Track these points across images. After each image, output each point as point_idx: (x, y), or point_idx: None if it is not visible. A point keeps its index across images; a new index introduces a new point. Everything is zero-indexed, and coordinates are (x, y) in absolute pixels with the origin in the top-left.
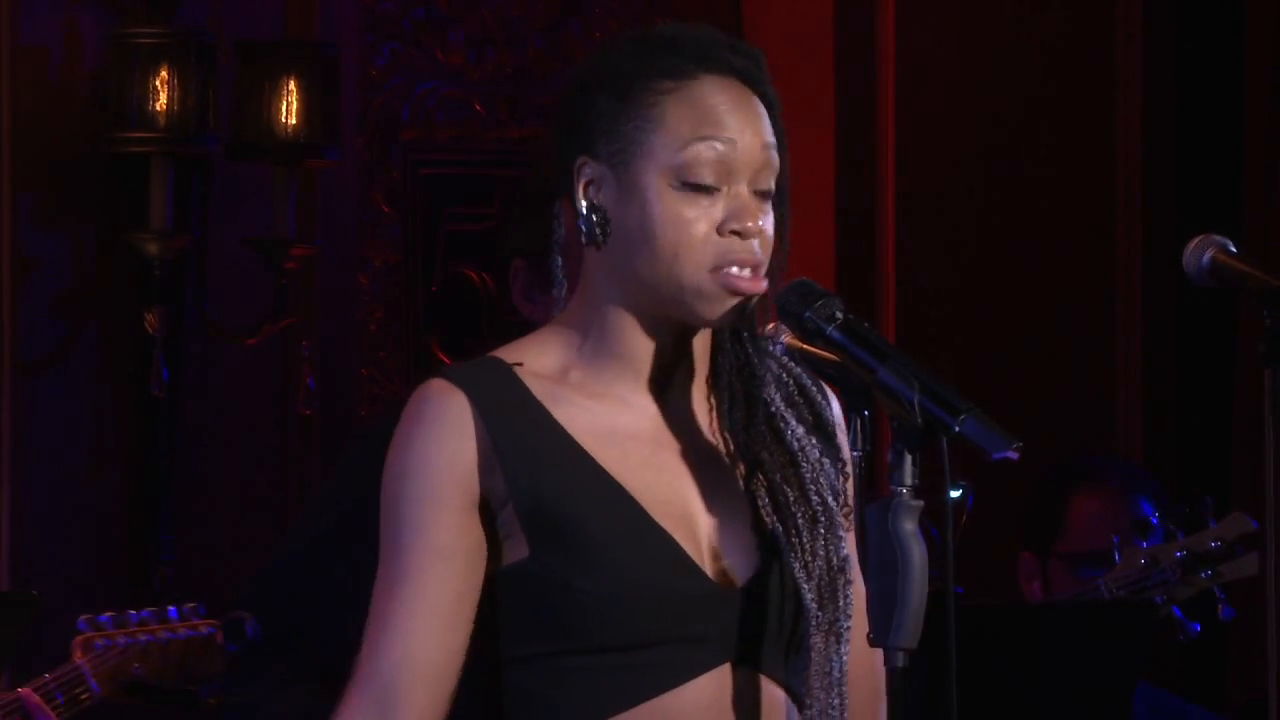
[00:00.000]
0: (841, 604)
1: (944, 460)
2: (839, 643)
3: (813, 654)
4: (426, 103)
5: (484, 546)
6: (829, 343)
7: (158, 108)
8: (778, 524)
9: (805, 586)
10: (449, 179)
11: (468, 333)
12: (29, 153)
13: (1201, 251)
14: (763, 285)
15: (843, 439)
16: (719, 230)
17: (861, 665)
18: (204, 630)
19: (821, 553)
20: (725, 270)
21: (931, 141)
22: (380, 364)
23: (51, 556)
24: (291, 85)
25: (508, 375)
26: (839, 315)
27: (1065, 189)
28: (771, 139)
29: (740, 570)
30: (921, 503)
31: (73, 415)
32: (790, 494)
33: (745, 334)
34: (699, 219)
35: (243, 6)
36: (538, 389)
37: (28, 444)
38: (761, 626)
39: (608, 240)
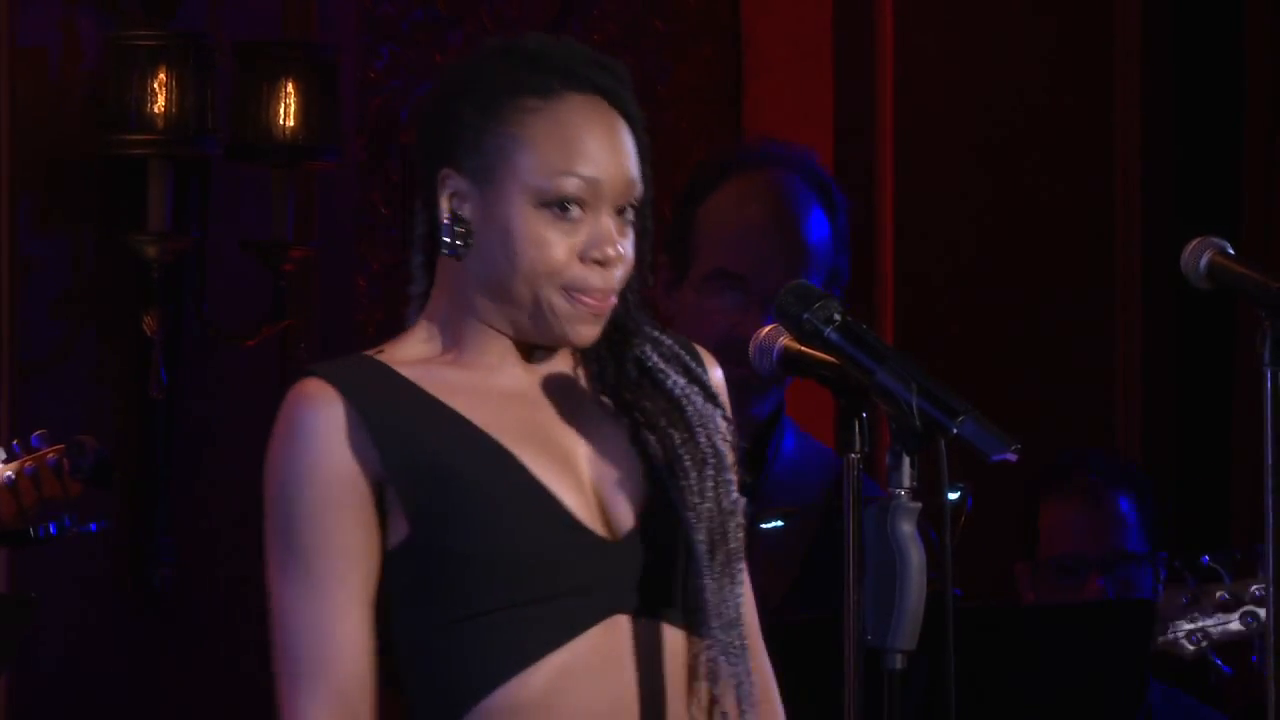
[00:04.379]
0: (733, 545)
1: (942, 462)
2: (733, 583)
3: (706, 595)
4: None
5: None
6: (827, 344)
7: (156, 110)
8: (665, 467)
9: (695, 528)
10: None
11: None
12: (27, 154)
13: (1200, 254)
14: (612, 302)
15: (724, 401)
16: (580, 257)
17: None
18: (50, 459)
19: (710, 494)
20: (581, 294)
21: (930, 143)
22: None
23: (51, 557)
24: (290, 87)
25: (376, 365)
26: (837, 317)
27: (1064, 191)
28: (634, 163)
29: (627, 520)
30: (920, 505)
31: (71, 417)
32: (677, 437)
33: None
34: (560, 242)
35: (241, 8)
36: (407, 371)
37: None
38: (653, 573)
39: (468, 252)
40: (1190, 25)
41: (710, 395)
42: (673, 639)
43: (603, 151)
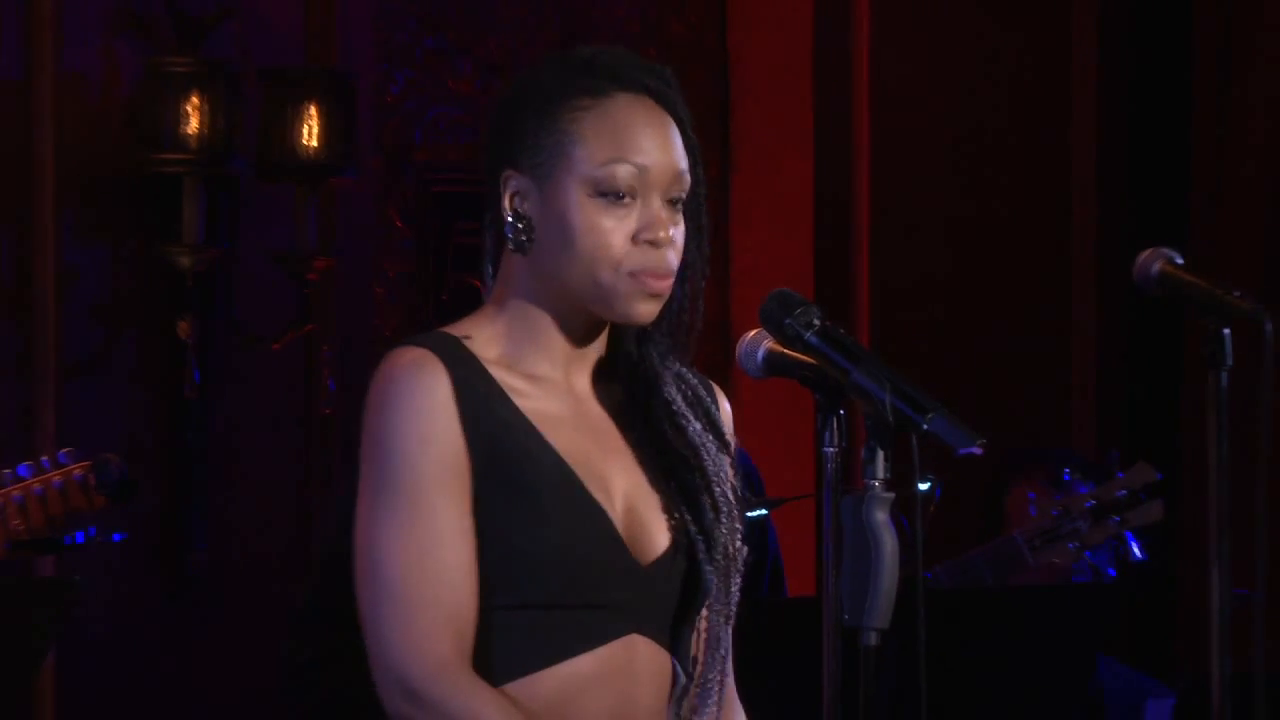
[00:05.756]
0: (734, 586)
1: (913, 456)
2: (727, 623)
3: (706, 630)
4: (437, 126)
5: None
6: (807, 347)
7: (189, 131)
8: (685, 510)
9: (707, 570)
10: (458, 196)
11: None
12: (71, 173)
13: (1151, 263)
14: (669, 284)
15: (730, 439)
16: (634, 240)
17: None
18: (76, 474)
19: (722, 541)
20: (640, 273)
21: (902, 161)
22: None
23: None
24: (312, 110)
25: (466, 351)
26: (816, 322)
27: (1026, 204)
28: (682, 156)
29: (653, 546)
30: (893, 495)
31: (112, 415)
32: (697, 483)
33: (646, 339)
34: (615, 229)
35: (267, 37)
36: (490, 367)
37: (70, 441)
38: (665, 602)
39: (532, 246)
40: (1143, 53)
41: (724, 443)
42: (666, 662)
43: (651, 143)
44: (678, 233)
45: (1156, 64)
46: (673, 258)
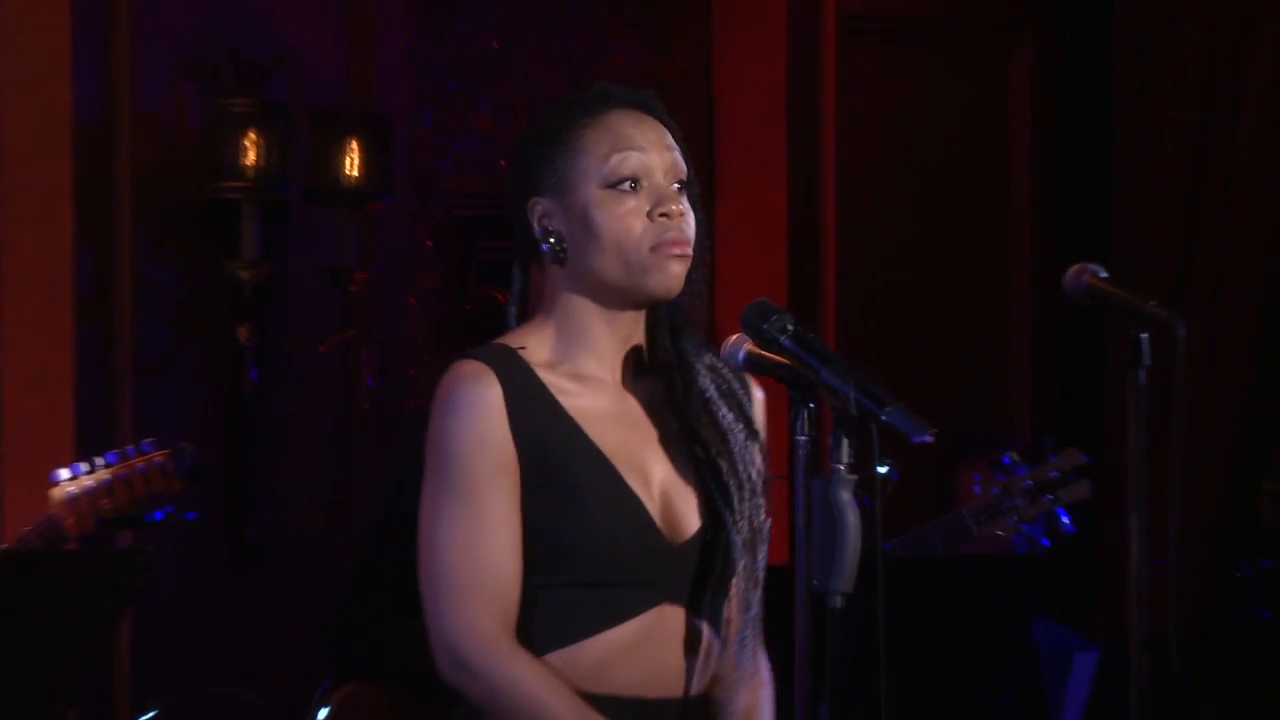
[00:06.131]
0: (760, 557)
1: (874, 443)
2: (756, 587)
3: (735, 594)
4: (461, 158)
5: None
6: (782, 349)
7: (247, 162)
8: (716, 491)
9: (734, 544)
10: (480, 219)
11: None
12: (145, 198)
13: (1079, 276)
14: (689, 252)
15: (761, 427)
16: (650, 217)
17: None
18: (158, 461)
19: (746, 518)
20: (660, 245)
21: (864, 189)
22: (425, 367)
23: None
24: (353, 144)
25: (518, 360)
26: (790, 327)
27: (970, 225)
28: (675, 148)
29: (686, 527)
30: (856, 477)
31: (180, 408)
32: (724, 466)
33: (679, 334)
34: (631, 212)
35: (315, 81)
36: (541, 373)
37: (144, 431)
38: (697, 573)
39: (567, 255)
40: (1072, 92)
41: (753, 431)
42: (699, 624)
43: (645, 137)
44: (687, 210)
45: (1084, 103)
46: (687, 228)
